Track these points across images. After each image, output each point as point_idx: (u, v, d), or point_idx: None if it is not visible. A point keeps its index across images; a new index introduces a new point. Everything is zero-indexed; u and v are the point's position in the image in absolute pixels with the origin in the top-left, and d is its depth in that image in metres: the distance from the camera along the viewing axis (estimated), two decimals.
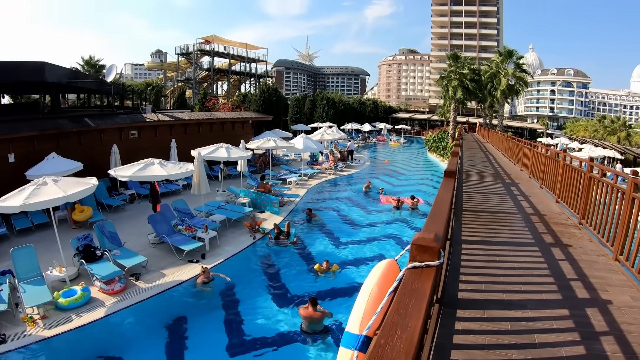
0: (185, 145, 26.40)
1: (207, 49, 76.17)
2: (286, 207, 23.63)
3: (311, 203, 25.42)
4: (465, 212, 10.17)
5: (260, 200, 22.92)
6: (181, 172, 18.33)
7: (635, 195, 6.81)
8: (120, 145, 24.88)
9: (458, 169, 16.92)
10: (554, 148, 16.86)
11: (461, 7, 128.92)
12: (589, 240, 8.46)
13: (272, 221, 20.34)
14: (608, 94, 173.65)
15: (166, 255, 15.97)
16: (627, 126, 73.64)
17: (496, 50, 67.52)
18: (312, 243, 18.88)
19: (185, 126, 31.38)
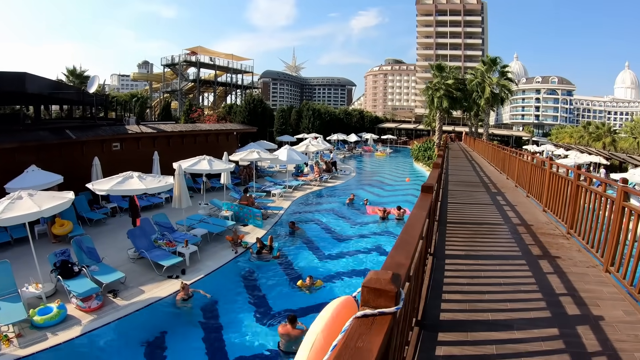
0: (168, 158, 25.74)
1: (193, 60, 75.55)
2: (270, 220, 23.15)
3: (295, 215, 25.10)
4: (450, 225, 9.83)
5: (243, 213, 22.46)
6: (160, 185, 17.92)
7: (625, 204, 6.57)
8: (102, 157, 24.36)
9: (443, 179, 16.72)
10: (539, 156, 16.55)
11: (446, 18, 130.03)
12: (578, 251, 8.20)
13: (255, 235, 19.91)
14: (592, 100, 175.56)
15: (146, 270, 15.48)
16: (612, 132, 74.36)
17: (480, 59, 67.59)
18: (295, 257, 18.42)
19: (169, 138, 30.97)
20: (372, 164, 60.21)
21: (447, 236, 8.86)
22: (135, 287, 14.06)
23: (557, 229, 9.87)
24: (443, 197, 13.11)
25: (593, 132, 75.60)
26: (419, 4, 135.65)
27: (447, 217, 10.68)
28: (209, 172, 23.84)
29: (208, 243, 18.76)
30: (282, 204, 27.28)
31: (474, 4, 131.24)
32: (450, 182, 17.46)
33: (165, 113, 56.88)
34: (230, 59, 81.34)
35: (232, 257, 17.48)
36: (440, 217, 10.26)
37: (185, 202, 18.97)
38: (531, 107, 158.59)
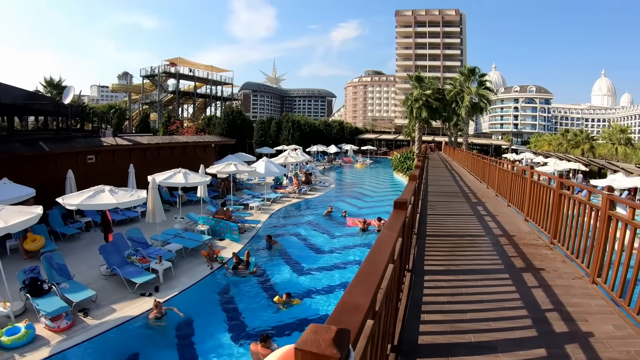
0: (145, 171, 25.01)
1: (172, 71, 75.28)
2: (247, 234, 22.63)
3: (273, 229, 24.59)
4: (429, 238, 9.51)
5: (219, 228, 21.94)
6: (132, 200, 17.48)
7: (611, 212, 6.32)
8: (77, 170, 23.64)
9: (422, 190, 16.49)
10: (520, 165, 16.43)
11: (425, 29, 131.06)
12: (562, 262, 7.95)
13: (231, 249, 19.38)
14: (570, 108, 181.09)
15: (118, 288, 14.93)
16: (590, 139, 74.99)
17: (459, 70, 68.01)
18: (273, 272, 17.95)
19: (145, 150, 30.29)
20: (352, 175, 59.96)
21: (427, 250, 8.52)
22: (106, 306, 13.53)
23: (540, 239, 9.64)
24: (422, 209, 12.80)
25: (571, 139, 76.20)
26: (398, 16, 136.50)
27: (427, 229, 10.35)
28: (185, 185, 23.29)
29: (183, 258, 18.20)
30: (260, 217, 26.82)
31: (453, 15, 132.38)
32: (430, 193, 17.20)
33: (144, 125, 56.46)
34: (210, 71, 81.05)
35: (208, 273, 16.97)
36: (419, 229, 9.95)
37: (159, 216, 18.55)
38: (510, 116, 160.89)
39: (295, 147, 62.18)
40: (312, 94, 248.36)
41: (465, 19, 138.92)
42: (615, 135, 64.58)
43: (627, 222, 5.71)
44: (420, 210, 12.37)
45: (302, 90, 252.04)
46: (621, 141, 62.99)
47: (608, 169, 44.95)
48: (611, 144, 64.10)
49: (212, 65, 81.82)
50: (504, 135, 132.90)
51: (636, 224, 5.55)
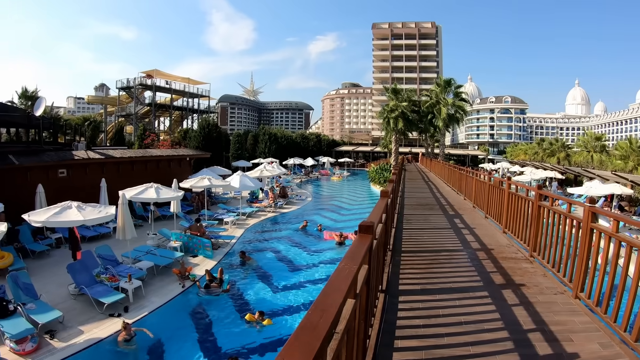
0: (118, 185, 24.14)
1: (148, 83, 74.33)
2: (221, 250, 22.07)
3: (248, 244, 24.15)
4: (405, 255, 9.09)
5: (192, 244, 21.33)
6: (100, 216, 16.99)
7: (593, 225, 6.04)
8: (47, 184, 22.97)
9: (398, 203, 16.26)
10: (497, 175, 16.25)
11: (401, 42, 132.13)
12: (543, 276, 7.67)
13: (205, 266, 18.83)
14: (545, 117, 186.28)
15: (86, 308, 14.34)
16: (566, 147, 76.00)
17: (435, 81, 68.43)
18: (247, 290, 17.42)
19: (118, 164, 29.59)
20: (329, 188, 59.74)
21: (402, 268, 8.12)
22: (74, 327, 12.96)
23: (519, 252, 9.38)
24: (398, 223, 12.50)
25: (547, 148, 77.15)
26: (375, 29, 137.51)
27: (402, 245, 9.97)
28: (156, 200, 22.80)
29: (154, 276, 17.62)
30: (235, 232, 26.29)
31: (429, 27, 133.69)
32: (406, 206, 16.85)
33: (118, 138, 55.66)
34: (187, 83, 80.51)
35: (179, 291, 16.36)
36: (394, 246, 9.58)
37: (129, 233, 18.01)
38: (486, 127, 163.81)
39: (272, 160, 62.00)
40: (290, 106, 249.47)
41: (441, 32, 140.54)
42: (591, 143, 65.33)
43: (611, 235, 5.46)
44: (396, 225, 12.07)
45: (279, 102, 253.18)
46: (596, 149, 63.64)
47: (584, 176, 45.18)
48: (586, 151, 64.66)
49: (189, 78, 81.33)
50: (481, 146, 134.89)
51: (620, 237, 5.29)
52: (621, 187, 32.21)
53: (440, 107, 58.45)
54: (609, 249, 5.53)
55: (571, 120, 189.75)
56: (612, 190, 31.11)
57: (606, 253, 5.55)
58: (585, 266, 6.23)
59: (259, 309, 14.53)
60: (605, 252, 5.58)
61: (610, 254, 5.43)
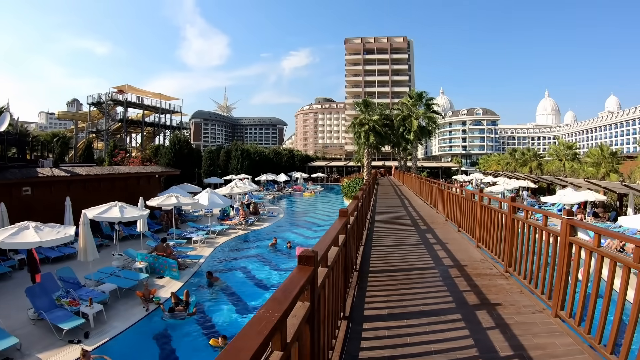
0: (84, 204, 23.10)
1: (120, 98, 73.53)
2: (188, 270, 21.21)
3: (217, 264, 23.47)
4: (372, 275, 8.53)
5: (158, 265, 20.46)
6: (58, 237, 16.18)
7: (572, 239, 5.59)
8: (11, 203, 22.15)
9: (369, 218, 15.87)
10: (470, 186, 15.88)
11: (374, 56, 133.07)
12: (520, 293, 7.21)
13: (171, 288, 18.05)
14: (516, 128, 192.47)
15: (46, 334, 13.55)
16: (538, 156, 77.31)
17: (407, 94, 68.71)
18: (214, 312, 16.73)
19: (84, 182, 28.61)
20: (302, 204, 58.88)
21: (369, 290, 7.57)
22: (32, 355, 12.19)
23: (494, 267, 8.96)
24: (367, 240, 12.06)
25: (519, 158, 78.38)
26: (347, 43, 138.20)
27: (370, 264, 9.45)
28: (120, 220, 21.95)
29: (118, 299, 16.82)
30: (204, 251, 25.42)
31: (401, 42, 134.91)
32: (377, 222, 16.38)
33: (87, 154, 54.65)
34: (159, 99, 79.90)
35: (143, 315, 15.55)
36: (361, 266, 9.10)
37: (91, 254, 17.27)
38: (458, 139, 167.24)
39: (245, 176, 61.56)
40: (263, 122, 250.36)
41: (412, 46, 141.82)
42: (562, 151, 66.22)
43: (592, 249, 5.07)
44: (365, 242, 11.65)
45: (253, 118, 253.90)
46: (568, 157, 64.49)
47: (557, 184, 45.47)
48: (558, 160, 65.50)
49: (161, 93, 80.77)
50: (454, 158, 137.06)
51: (603, 252, 4.84)
52: (594, 194, 32.45)
53: (411, 120, 58.74)
54: (590, 263, 5.15)
55: (542, 130, 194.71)
56: (585, 197, 31.22)
57: (587, 268, 5.15)
58: (564, 282, 5.81)
59: (224, 333, 13.95)
60: (587, 267, 5.16)
61: (592, 269, 5.08)
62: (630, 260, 4.26)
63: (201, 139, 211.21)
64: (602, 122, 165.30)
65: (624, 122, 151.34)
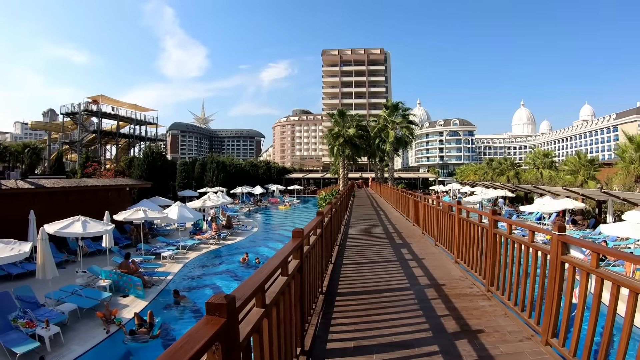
0: (51, 218, 22.39)
1: (94, 109, 72.17)
2: (155, 288, 20.09)
3: (185, 281, 22.47)
4: (340, 299, 7.66)
5: (122, 282, 19.35)
6: (12, 254, 15.16)
7: (564, 258, 4.90)
8: None
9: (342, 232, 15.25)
10: (446, 200, 15.35)
11: (351, 68, 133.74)
12: (504, 317, 6.48)
13: (135, 308, 17.06)
14: (492, 138, 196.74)
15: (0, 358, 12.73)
16: (515, 165, 78.17)
17: (383, 105, 68.49)
18: (180, 334, 15.17)
19: (51, 195, 27.48)
20: (277, 217, 57.65)
21: (335, 316, 6.70)
22: None
23: (474, 286, 8.25)
24: (338, 258, 11.29)
25: (496, 167, 78.96)
26: (325, 55, 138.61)
27: (339, 286, 8.61)
28: (83, 235, 20.97)
29: (78, 320, 15.79)
30: (172, 267, 24.26)
31: (378, 54, 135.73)
32: (350, 236, 15.60)
33: (58, 166, 53.41)
34: (134, 109, 78.81)
35: (104, 337, 14.52)
36: (329, 287, 8.32)
37: (50, 272, 16.26)
38: (435, 149, 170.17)
39: (220, 189, 60.83)
40: (241, 134, 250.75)
41: (390, 58, 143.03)
42: (540, 160, 66.85)
43: (589, 271, 4.44)
44: (335, 260, 10.94)
45: (231, 130, 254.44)
46: (545, 165, 65.14)
47: (534, 193, 45.46)
48: (535, 168, 65.97)
49: (136, 104, 79.62)
50: (431, 168, 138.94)
51: (603, 274, 4.15)
52: (573, 202, 32.22)
53: (388, 132, 58.32)
54: (586, 285, 4.49)
55: (518, 140, 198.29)
56: (564, 205, 31.01)
57: (584, 290, 4.48)
58: (556, 305, 5.12)
59: None
60: (583, 289, 4.49)
61: (590, 292, 4.43)
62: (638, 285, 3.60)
63: (178, 151, 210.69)
64: (577, 130, 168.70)
65: (599, 130, 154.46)
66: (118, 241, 28.92)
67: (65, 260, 23.78)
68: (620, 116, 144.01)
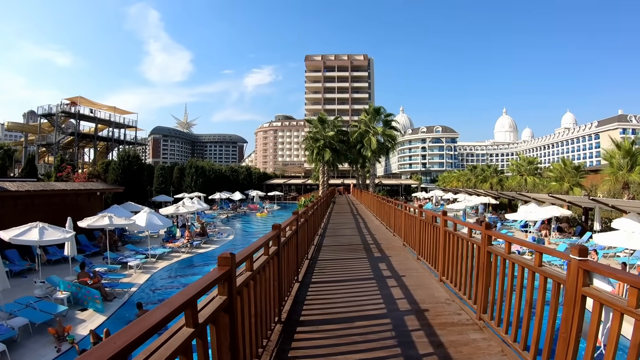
0: (15, 223, 20.82)
1: (72, 110, 70.65)
2: (117, 301, 18.67)
3: (151, 293, 20.97)
4: (301, 330, 6.25)
5: (81, 295, 17.82)
6: None
7: (588, 292, 3.72)
8: None
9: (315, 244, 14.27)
10: (428, 207, 14.23)
11: (334, 74, 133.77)
12: (501, 354, 5.22)
13: (93, 323, 15.74)
14: (475, 145, 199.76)
15: None
16: (498, 172, 78.03)
17: (364, 110, 67.50)
18: None
19: (15, 199, 25.86)
20: (256, 224, 55.67)
21: (292, 356, 5.32)
22: None
23: (462, 312, 7.01)
24: (306, 275, 9.99)
25: (480, 174, 78.65)
26: (308, 60, 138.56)
27: (303, 311, 7.20)
28: (39, 243, 19.57)
29: (30, 336, 14.47)
30: (139, 278, 22.64)
31: (361, 60, 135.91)
32: (324, 248, 14.28)
33: (30, 169, 51.81)
34: (113, 112, 77.37)
35: (55, 356, 13.20)
36: (289, 314, 6.95)
37: (1, 283, 15.27)
38: (418, 156, 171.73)
39: (198, 194, 59.71)
40: (224, 139, 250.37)
41: (373, 64, 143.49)
42: (524, 166, 66.40)
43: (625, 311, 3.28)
44: (303, 277, 9.67)
45: (213, 135, 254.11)
46: (530, 172, 64.68)
47: (518, 200, 44.87)
48: (520, 175, 65.53)
49: (115, 107, 78.15)
50: (413, 175, 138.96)
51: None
52: (559, 209, 31.52)
53: (369, 137, 57.36)
54: (619, 326, 3.30)
55: (500, 147, 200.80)
56: (551, 212, 30.21)
57: (617, 330, 3.31)
58: (574, 348, 3.87)
59: None
60: (615, 334, 3.32)
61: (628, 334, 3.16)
62: None
63: (160, 155, 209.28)
64: (559, 138, 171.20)
65: (581, 138, 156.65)
66: (85, 249, 27.63)
67: (28, 269, 22.50)
68: (602, 124, 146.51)
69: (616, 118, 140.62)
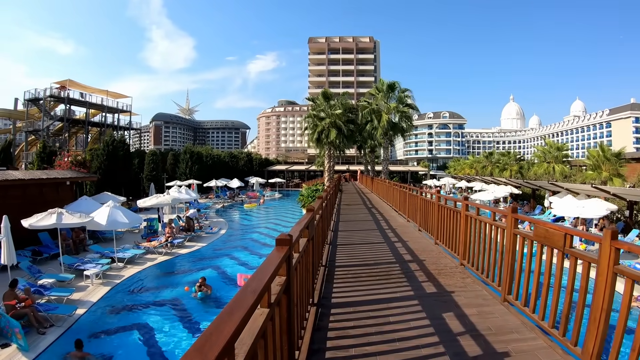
0: None
1: (61, 95, 66.11)
2: (54, 331, 13.60)
3: (105, 317, 15.51)
4: None
5: (3, 325, 12.82)
6: None
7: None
8: None
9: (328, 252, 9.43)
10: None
11: (338, 56, 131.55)
12: None
13: None
14: (482, 132, 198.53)
15: None
16: (519, 159, 75.10)
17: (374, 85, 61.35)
18: None
19: None
20: (255, 214, 50.99)
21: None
22: None
23: None
24: None
25: (497, 161, 75.73)
26: (312, 42, 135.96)
27: None
28: None
29: None
30: (94, 293, 17.22)
31: (367, 42, 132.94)
32: (337, 266, 9.15)
33: (4, 156, 47.30)
34: (105, 96, 72.50)
35: None
36: None
37: None
38: (424, 142, 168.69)
39: (192, 182, 55.42)
40: (226, 125, 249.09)
41: (379, 47, 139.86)
42: (552, 153, 61.17)
43: None
44: None
45: (215, 122, 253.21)
46: (558, 159, 59.75)
47: (545, 190, 39.25)
48: (547, 163, 60.65)
49: (108, 90, 73.29)
50: (421, 162, 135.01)
51: None
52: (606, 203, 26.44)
53: (381, 114, 50.20)
54: None
55: (507, 134, 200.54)
56: (608, 208, 25.05)
57: None
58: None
59: None
60: None
61: None
62: None
63: (162, 142, 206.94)
64: (567, 126, 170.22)
65: (591, 126, 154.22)
66: (45, 250, 22.97)
67: None
68: (614, 112, 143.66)
69: (629, 106, 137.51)
